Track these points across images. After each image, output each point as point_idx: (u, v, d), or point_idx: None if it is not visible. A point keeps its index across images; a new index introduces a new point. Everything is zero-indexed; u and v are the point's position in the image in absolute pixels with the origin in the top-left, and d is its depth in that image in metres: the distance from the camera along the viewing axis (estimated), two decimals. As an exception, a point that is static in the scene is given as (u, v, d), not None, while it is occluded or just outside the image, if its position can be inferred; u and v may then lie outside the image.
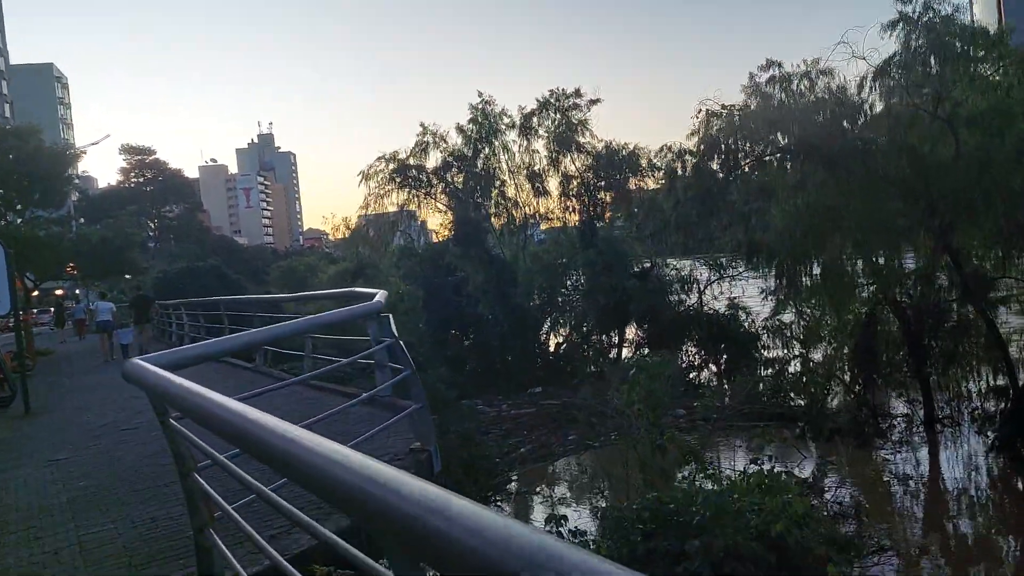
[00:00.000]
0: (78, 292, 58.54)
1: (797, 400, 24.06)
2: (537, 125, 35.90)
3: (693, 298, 33.15)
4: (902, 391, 22.72)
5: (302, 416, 9.35)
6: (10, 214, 38.52)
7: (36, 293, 46.02)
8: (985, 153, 16.83)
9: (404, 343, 7.98)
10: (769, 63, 19.71)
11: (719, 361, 30.89)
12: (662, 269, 34.16)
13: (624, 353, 34.00)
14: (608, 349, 34.82)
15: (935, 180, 17.38)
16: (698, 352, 31.57)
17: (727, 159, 20.51)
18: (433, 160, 36.79)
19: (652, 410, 14.00)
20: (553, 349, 35.75)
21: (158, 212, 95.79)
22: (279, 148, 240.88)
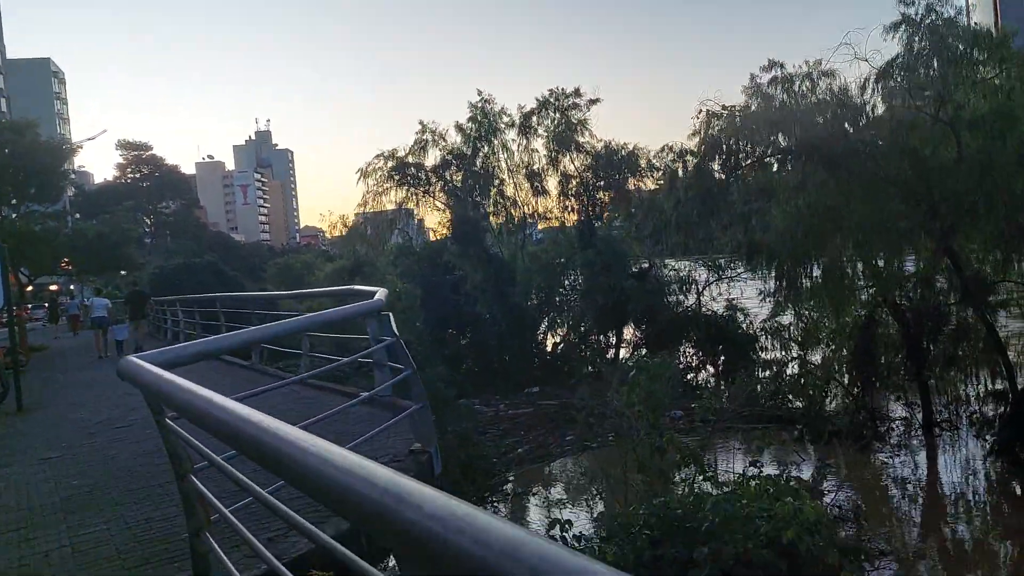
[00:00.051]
0: (72, 288, 58.32)
1: (795, 402, 24.01)
2: (536, 124, 35.77)
3: (691, 299, 33.11)
4: (900, 394, 22.67)
5: (301, 416, 9.23)
6: (5, 208, 38.36)
7: (30, 288, 45.85)
8: (987, 156, 16.77)
9: (402, 342, 7.86)
10: (771, 63, 19.66)
11: (717, 362, 30.83)
12: (660, 270, 34.14)
13: (622, 353, 33.96)
14: (606, 349, 34.77)
15: (937, 182, 17.32)
16: (696, 353, 31.52)
17: (728, 159, 20.43)
18: (432, 158, 36.71)
19: (652, 411, 13.87)
20: (550, 349, 35.66)
21: (154, 208, 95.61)
22: (276, 145, 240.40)
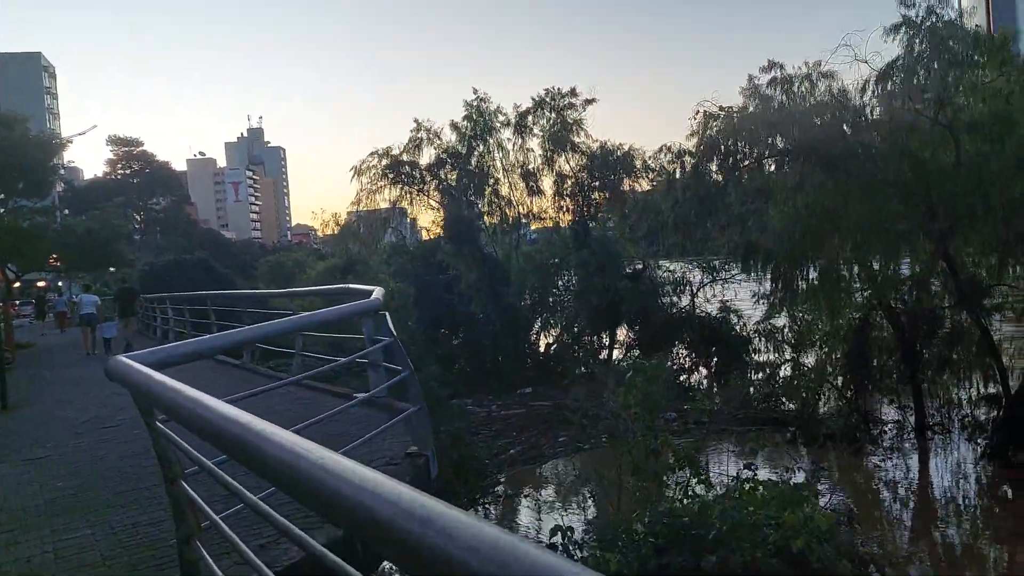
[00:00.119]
0: (60, 285, 57.88)
1: (788, 405, 23.95)
2: (532, 124, 35.60)
3: (685, 300, 33.03)
4: (894, 397, 22.64)
5: (295, 417, 9.05)
6: (-7, 203, 37.99)
7: (17, 284, 45.46)
8: (985, 160, 16.72)
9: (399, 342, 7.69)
10: (771, 64, 19.57)
11: (710, 364, 30.76)
12: (654, 271, 34.05)
13: (615, 354, 33.87)
14: (599, 350, 34.65)
15: (935, 185, 17.26)
16: (689, 355, 31.46)
17: (725, 160, 20.35)
18: (427, 157, 36.50)
19: (648, 413, 13.75)
20: (543, 349, 35.52)
21: (145, 204, 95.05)
22: (268, 143, 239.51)
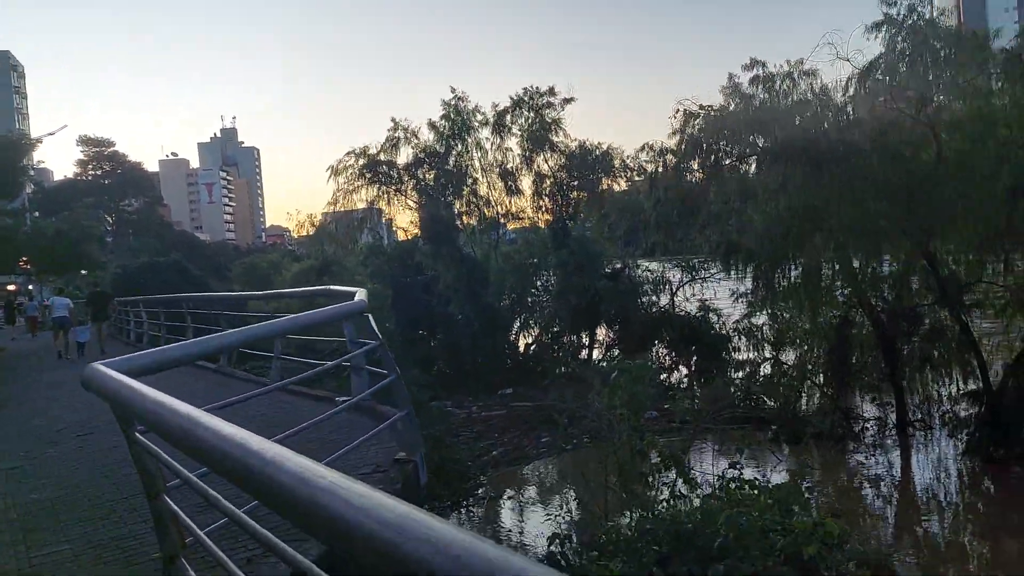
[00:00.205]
0: (31, 288, 56.85)
1: (770, 403, 23.98)
2: (511, 123, 35.40)
3: (665, 300, 33.03)
4: (875, 395, 22.72)
5: (277, 424, 8.81)
6: (-40, 206, 37.19)
7: (-12, 288, 44.58)
8: (967, 158, 16.80)
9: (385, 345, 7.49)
10: (753, 62, 19.55)
11: (690, 363, 30.77)
12: (633, 270, 34.03)
13: (595, 354, 33.81)
14: (579, 350, 34.58)
15: (916, 183, 17.30)
16: (669, 354, 31.44)
17: (707, 159, 20.31)
18: (404, 156, 36.15)
19: (634, 414, 13.63)
20: (523, 350, 35.37)
21: (116, 206, 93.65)
22: (242, 143, 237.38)
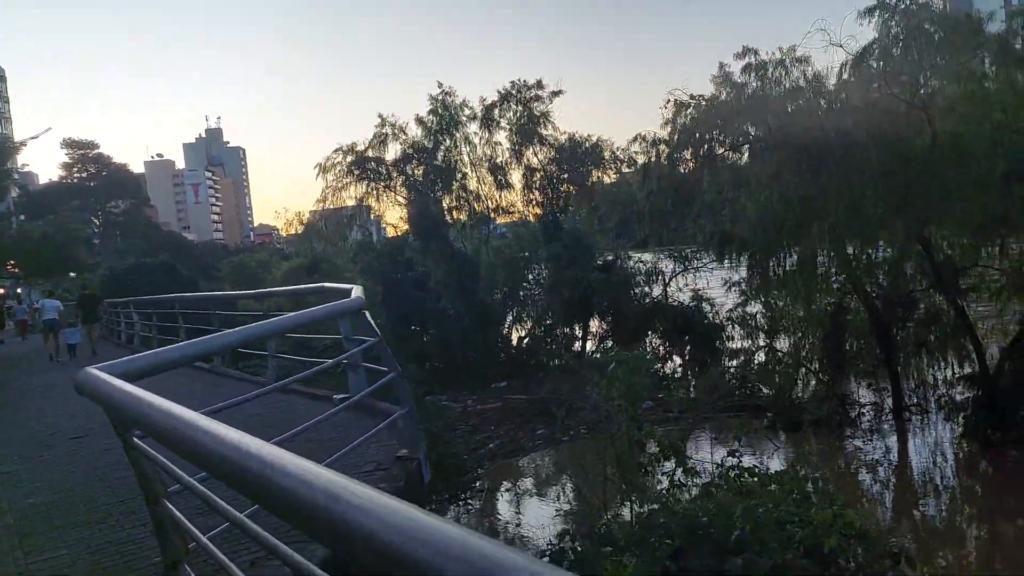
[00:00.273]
0: (20, 291, 56.41)
1: (765, 390, 23.98)
2: (499, 117, 35.21)
3: (657, 290, 33.02)
4: (871, 380, 22.74)
5: (275, 424, 8.70)
6: (-55, 211, 36.84)
7: (-25, 293, 44.22)
8: (961, 142, 16.74)
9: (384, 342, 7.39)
10: (745, 50, 19.36)
11: (684, 353, 30.79)
12: (625, 262, 33.99)
13: (588, 346, 33.78)
14: (572, 342, 34.54)
15: (911, 169, 17.25)
16: (663, 344, 31.47)
17: (699, 149, 20.20)
18: (392, 152, 35.93)
19: (631, 405, 13.59)
20: (516, 343, 35.30)
21: (103, 208, 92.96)
22: (228, 143, 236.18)
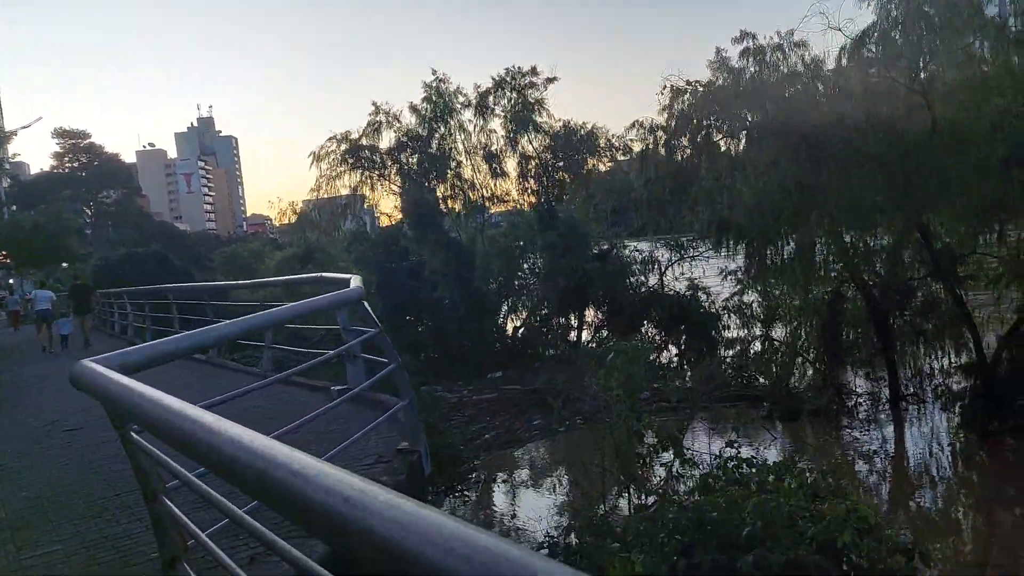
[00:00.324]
0: (12, 282, 56.10)
1: (761, 380, 23.92)
2: (493, 104, 34.99)
3: (653, 279, 32.91)
4: (869, 370, 22.69)
5: (274, 416, 8.58)
6: (-65, 201, 36.54)
7: (-34, 283, 43.92)
8: (961, 128, 16.64)
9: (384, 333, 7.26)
10: (743, 34, 19.23)
11: (679, 342, 30.71)
12: (621, 250, 33.87)
13: (584, 336, 33.70)
14: (567, 332, 34.45)
15: (910, 155, 17.15)
16: (658, 333, 31.37)
17: (696, 135, 20.07)
18: (387, 140, 35.69)
19: (629, 395, 13.50)
20: (511, 333, 35.20)
21: (94, 198, 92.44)
22: (220, 132, 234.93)
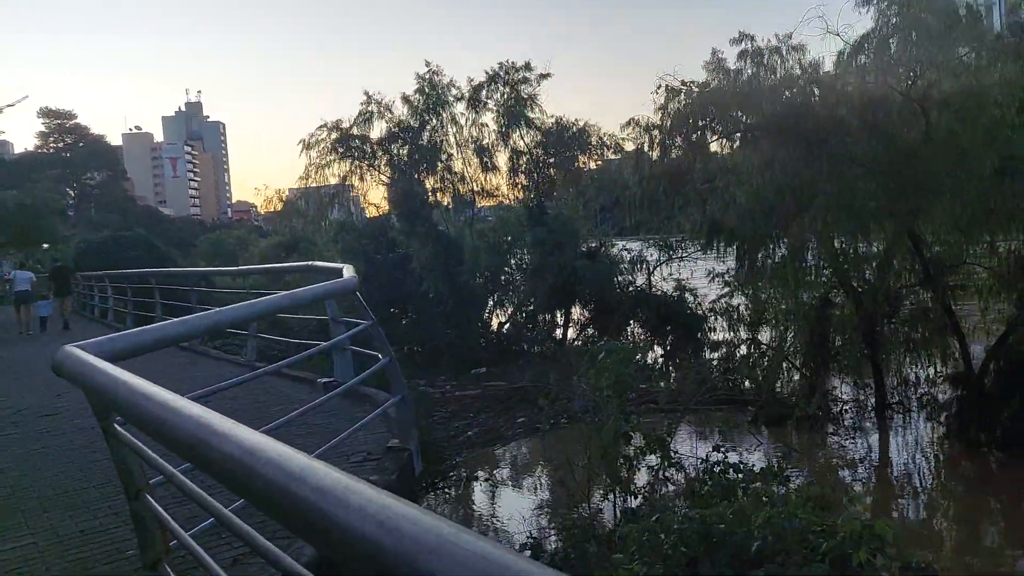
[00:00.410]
0: (-9, 262, 55.30)
1: (747, 384, 23.83)
2: (486, 98, 34.65)
3: (641, 279, 32.77)
4: (856, 377, 22.64)
5: (257, 408, 8.37)
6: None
7: (-56, 262, 43.21)
8: (956, 136, 16.59)
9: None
10: (741, 36, 19.08)
11: (665, 343, 30.61)
12: (609, 249, 33.72)
13: (570, 334, 33.53)
14: (553, 329, 34.28)
15: (905, 162, 17.09)
16: (644, 333, 31.24)
17: (691, 135, 19.93)
18: (378, 131, 35.21)
19: (619, 396, 13.34)
20: (496, 329, 34.98)
21: (78, 179, 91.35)
22: (208, 117, 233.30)
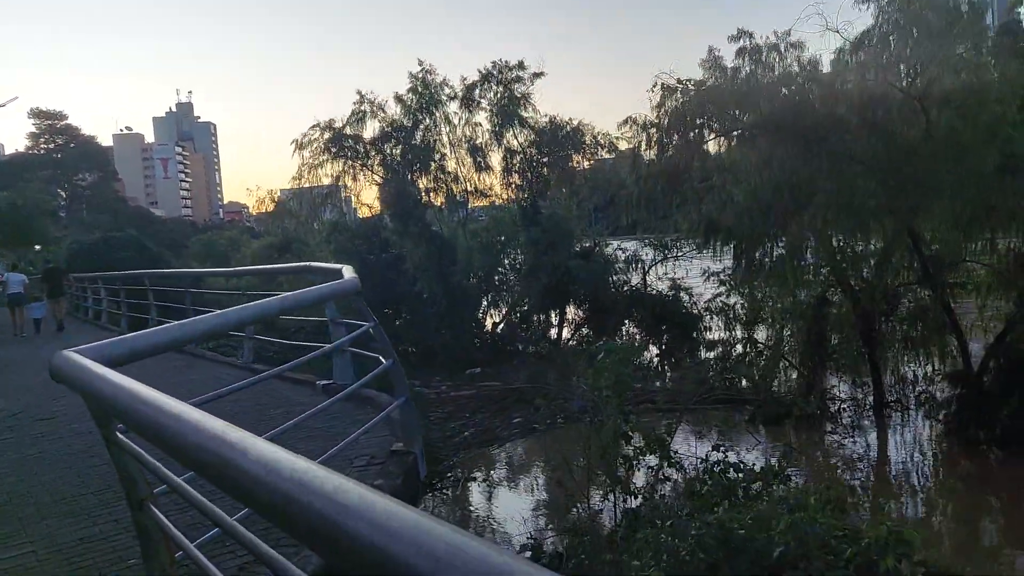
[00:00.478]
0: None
1: (744, 383, 23.77)
2: (479, 97, 34.56)
3: (636, 279, 32.74)
4: (854, 376, 22.59)
5: (256, 412, 8.25)
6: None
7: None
8: (956, 134, 16.54)
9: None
10: (740, 33, 18.99)
11: (661, 342, 30.57)
12: (604, 248, 33.68)
13: (564, 334, 33.46)
14: (547, 330, 34.19)
15: (905, 160, 17.04)
16: (640, 332, 31.20)
17: (688, 134, 19.84)
18: (371, 130, 35.03)
19: (618, 396, 13.26)
20: (490, 329, 34.86)
21: (69, 180, 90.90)
22: (199, 118, 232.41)
